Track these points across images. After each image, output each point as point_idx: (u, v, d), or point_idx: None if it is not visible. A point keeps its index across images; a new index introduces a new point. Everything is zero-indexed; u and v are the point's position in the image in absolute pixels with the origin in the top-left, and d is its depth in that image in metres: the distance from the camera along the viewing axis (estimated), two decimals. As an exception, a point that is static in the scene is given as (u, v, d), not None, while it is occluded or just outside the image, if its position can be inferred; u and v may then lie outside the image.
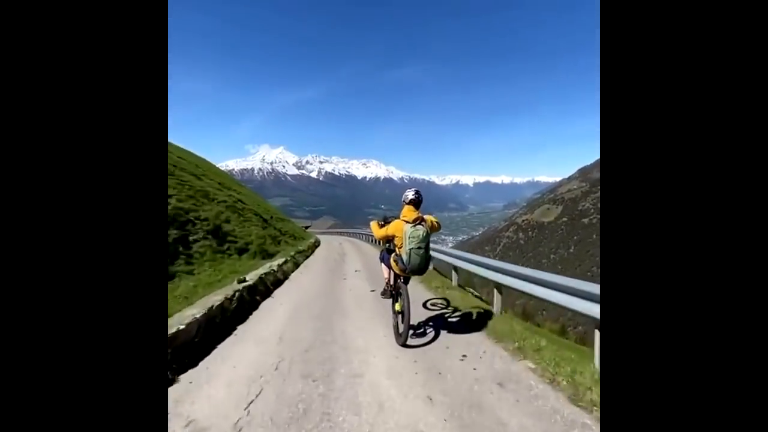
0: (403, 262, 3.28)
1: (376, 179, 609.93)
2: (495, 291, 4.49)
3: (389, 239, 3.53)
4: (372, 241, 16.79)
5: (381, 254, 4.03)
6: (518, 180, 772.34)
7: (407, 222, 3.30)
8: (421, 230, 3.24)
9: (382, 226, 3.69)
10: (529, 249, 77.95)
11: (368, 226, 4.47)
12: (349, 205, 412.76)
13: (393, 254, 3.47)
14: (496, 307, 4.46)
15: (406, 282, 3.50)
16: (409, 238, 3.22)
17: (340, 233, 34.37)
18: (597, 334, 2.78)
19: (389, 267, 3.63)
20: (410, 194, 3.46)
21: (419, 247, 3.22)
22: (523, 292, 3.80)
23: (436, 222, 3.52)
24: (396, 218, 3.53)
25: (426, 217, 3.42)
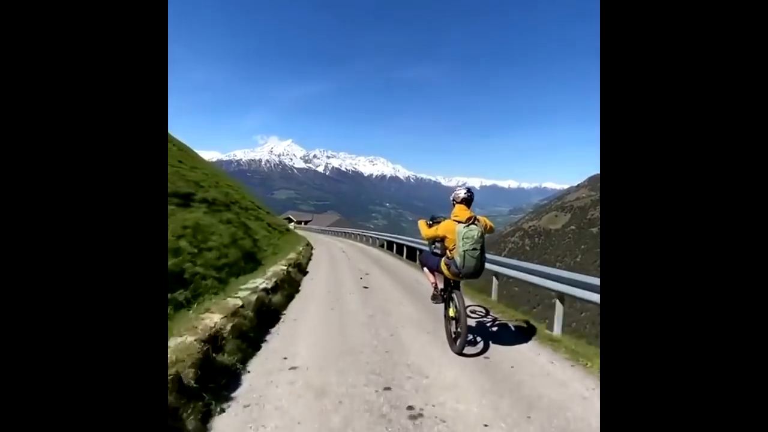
0: (456, 266, 3.02)
1: (383, 177, 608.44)
2: (557, 302, 3.95)
3: (438, 240, 3.29)
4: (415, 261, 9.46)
5: (424, 256, 3.75)
6: (525, 185, 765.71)
7: (460, 222, 3.04)
8: (475, 230, 2.99)
9: (430, 225, 3.39)
10: (535, 256, 76.61)
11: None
12: (353, 201, 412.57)
13: (444, 257, 3.21)
14: (556, 326, 3.88)
15: (457, 286, 3.27)
16: (463, 239, 2.95)
17: (347, 234, 23.93)
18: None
19: (438, 270, 3.38)
20: (461, 192, 3.19)
21: (474, 249, 2.95)
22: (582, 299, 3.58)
23: (490, 224, 3.22)
24: (444, 218, 3.27)
25: (479, 217, 3.12)
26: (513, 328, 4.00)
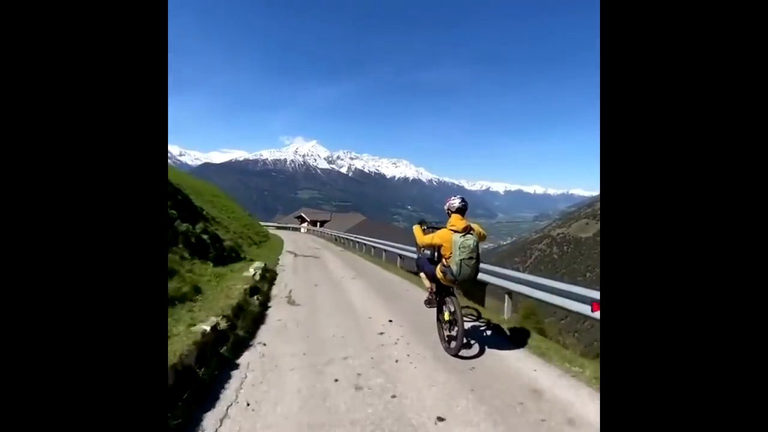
0: (452, 273, 3.14)
1: (405, 180, 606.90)
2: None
3: (434, 248, 3.45)
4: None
5: (421, 262, 3.86)
6: (552, 191, 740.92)
7: (456, 231, 3.15)
8: (471, 240, 3.10)
9: (425, 231, 3.55)
10: (563, 265, 73.19)
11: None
12: (375, 203, 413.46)
13: (440, 265, 3.34)
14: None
15: (451, 291, 3.42)
16: (459, 248, 3.06)
17: (373, 249, 13.37)
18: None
19: (432, 275, 3.52)
20: (456, 202, 3.31)
21: (470, 257, 3.07)
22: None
23: (484, 231, 3.35)
24: (439, 226, 3.51)
25: (473, 225, 3.25)
26: (508, 331, 4.11)
